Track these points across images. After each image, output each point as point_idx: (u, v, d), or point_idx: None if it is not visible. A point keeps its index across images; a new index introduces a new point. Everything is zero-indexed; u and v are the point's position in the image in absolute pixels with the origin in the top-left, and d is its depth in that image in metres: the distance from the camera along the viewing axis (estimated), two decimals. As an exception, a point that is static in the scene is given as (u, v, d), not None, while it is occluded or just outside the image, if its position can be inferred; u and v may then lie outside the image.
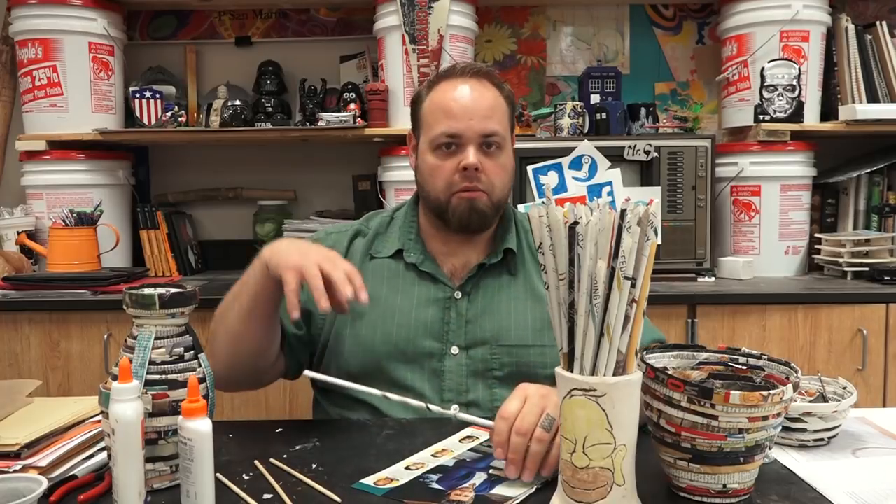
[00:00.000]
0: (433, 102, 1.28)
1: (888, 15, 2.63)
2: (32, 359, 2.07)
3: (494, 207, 1.27)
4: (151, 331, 0.92)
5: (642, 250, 0.79)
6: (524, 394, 0.96)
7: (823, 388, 1.13)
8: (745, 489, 0.88)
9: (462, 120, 1.23)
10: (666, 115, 2.63)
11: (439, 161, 1.25)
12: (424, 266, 1.29)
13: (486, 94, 1.26)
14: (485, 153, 1.24)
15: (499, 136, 1.25)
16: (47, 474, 0.90)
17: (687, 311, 2.09)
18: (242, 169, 2.73)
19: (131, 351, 0.92)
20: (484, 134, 1.23)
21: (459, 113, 1.23)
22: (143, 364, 0.90)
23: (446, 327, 1.25)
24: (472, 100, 1.24)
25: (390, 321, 1.25)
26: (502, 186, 1.27)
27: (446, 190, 1.25)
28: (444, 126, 1.24)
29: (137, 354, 0.91)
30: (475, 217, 1.25)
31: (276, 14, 2.72)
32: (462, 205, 1.24)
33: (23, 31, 2.36)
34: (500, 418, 0.95)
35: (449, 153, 1.25)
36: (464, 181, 1.23)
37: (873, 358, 2.07)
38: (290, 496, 0.88)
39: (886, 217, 2.45)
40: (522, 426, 0.92)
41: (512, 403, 0.95)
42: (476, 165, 1.22)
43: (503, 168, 1.27)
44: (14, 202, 2.48)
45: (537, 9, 2.71)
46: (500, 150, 1.26)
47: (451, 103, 1.25)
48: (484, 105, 1.24)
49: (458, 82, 1.27)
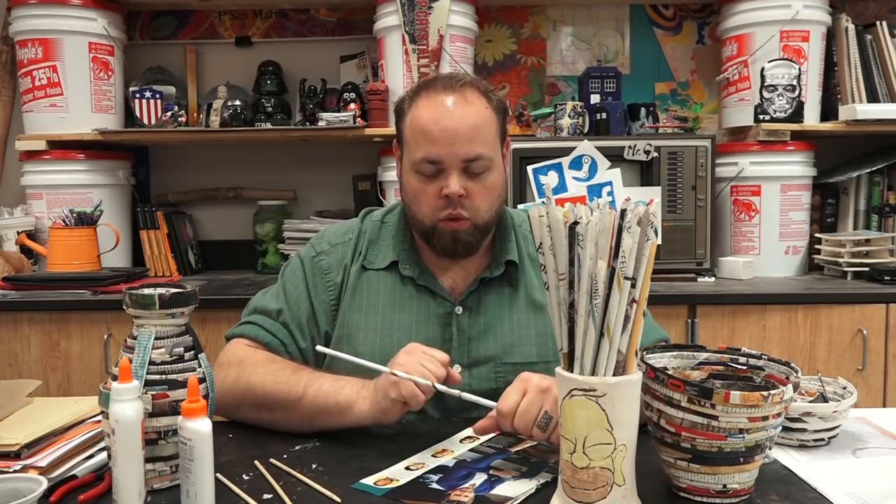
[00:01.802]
0: (414, 121, 1.20)
1: (888, 15, 2.63)
2: (32, 359, 2.07)
3: (481, 231, 1.22)
4: (151, 331, 0.92)
5: (642, 250, 0.79)
6: (524, 386, 0.96)
7: (823, 388, 1.13)
8: (745, 489, 0.88)
9: (443, 145, 1.16)
10: (666, 115, 2.63)
11: (422, 185, 1.20)
12: (422, 280, 1.25)
13: (468, 114, 1.18)
14: (469, 176, 1.18)
15: (484, 158, 1.18)
16: (47, 474, 0.90)
17: (687, 311, 2.09)
18: (242, 169, 2.73)
19: (131, 351, 0.91)
20: (467, 159, 1.17)
21: (440, 137, 1.16)
22: (143, 364, 0.90)
23: (448, 345, 1.22)
24: (454, 121, 1.17)
25: (389, 339, 1.22)
26: (489, 209, 1.21)
27: (431, 216, 1.20)
28: (424, 151, 1.18)
29: (137, 354, 0.91)
30: (459, 247, 1.21)
31: (276, 14, 2.72)
32: (446, 234, 1.20)
33: (23, 31, 2.37)
34: (499, 413, 0.95)
35: (430, 177, 1.19)
36: (447, 208, 1.18)
37: (873, 358, 2.07)
38: (290, 496, 0.88)
39: (886, 217, 2.45)
40: (520, 425, 0.93)
41: (511, 398, 0.95)
42: (459, 193, 1.17)
43: (490, 189, 1.20)
44: (14, 202, 2.49)
45: (537, 9, 2.70)
46: (488, 170, 1.20)
47: (431, 127, 1.17)
48: (466, 127, 1.17)
49: (441, 97, 1.19)
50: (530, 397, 0.95)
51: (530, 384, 0.97)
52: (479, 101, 1.21)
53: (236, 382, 1.15)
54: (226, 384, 1.15)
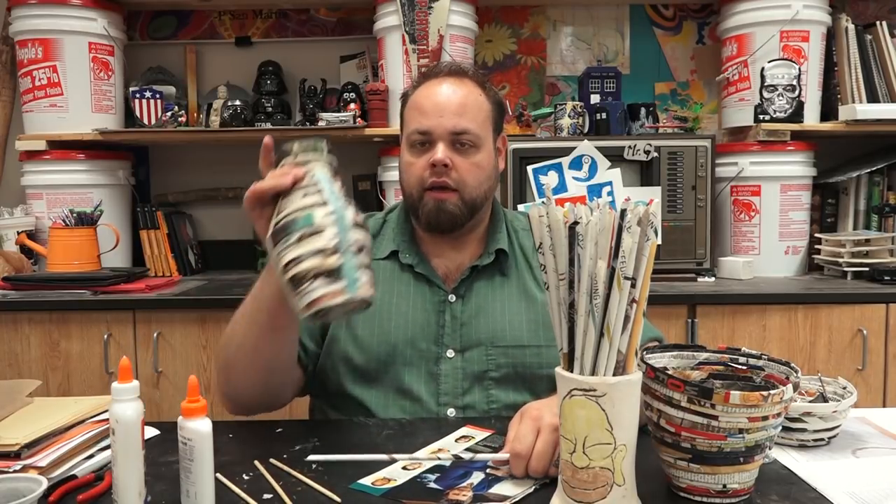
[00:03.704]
0: (412, 101, 1.28)
1: (888, 15, 2.63)
2: (32, 359, 2.07)
3: (467, 206, 1.24)
4: (325, 170, 0.98)
5: (642, 250, 0.79)
6: (536, 425, 0.93)
7: (823, 388, 1.13)
8: (745, 489, 0.88)
9: (432, 117, 1.23)
10: (666, 115, 2.63)
11: (413, 158, 1.26)
12: (420, 268, 1.28)
13: (459, 92, 1.25)
14: (457, 150, 1.23)
15: (471, 133, 1.23)
16: (47, 474, 0.90)
17: (687, 311, 2.09)
18: (242, 169, 2.71)
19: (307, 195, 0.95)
20: (454, 131, 1.22)
21: (430, 110, 1.24)
22: (331, 191, 0.95)
23: (441, 330, 1.25)
24: (445, 97, 1.24)
25: (388, 322, 1.25)
26: (476, 185, 1.25)
27: (418, 186, 1.25)
28: (416, 123, 1.24)
29: (325, 185, 0.95)
30: (444, 217, 1.24)
31: (276, 14, 2.72)
32: (430, 204, 1.24)
33: (23, 31, 2.37)
34: (513, 455, 0.92)
35: (422, 150, 1.25)
36: (433, 176, 1.23)
37: (873, 358, 2.07)
38: (290, 496, 0.88)
39: (886, 217, 2.45)
40: (538, 468, 0.91)
41: (526, 439, 0.92)
42: (444, 161, 1.21)
43: (477, 166, 1.25)
44: (14, 202, 2.49)
45: (537, 9, 2.71)
46: (476, 148, 1.24)
47: (423, 101, 1.25)
48: (455, 102, 1.24)
49: (438, 80, 1.27)
50: (545, 437, 0.92)
51: (543, 423, 0.93)
52: (475, 86, 1.28)
53: (223, 361, 1.16)
54: (216, 366, 1.19)
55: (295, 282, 0.91)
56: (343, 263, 0.91)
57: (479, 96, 1.27)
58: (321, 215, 0.92)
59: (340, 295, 0.90)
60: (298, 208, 0.93)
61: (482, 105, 1.27)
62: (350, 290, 0.90)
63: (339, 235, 0.91)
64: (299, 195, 0.95)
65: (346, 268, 0.91)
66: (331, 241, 0.91)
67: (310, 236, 0.91)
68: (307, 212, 0.93)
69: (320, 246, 0.90)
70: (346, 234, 0.92)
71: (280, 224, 0.94)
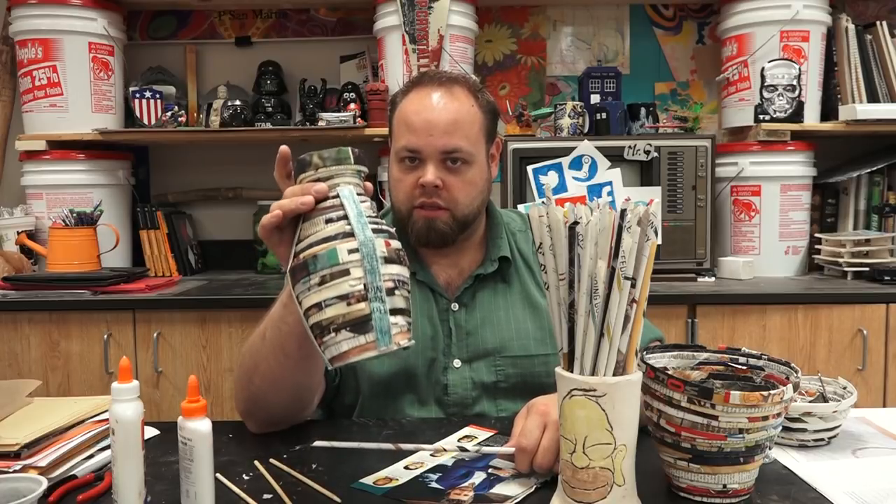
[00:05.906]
0: (400, 112, 1.23)
1: (888, 15, 2.63)
2: (32, 359, 2.07)
3: (458, 224, 1.22)
4: (351, 187, 0.88)
5: (642, 250, 0.79)
6: (543, 420, 0.93)
7: (823, 388, 1.13)
8: (745, 489, 0.88)
9: (422, 136, 1.18)
10: (666, 115, 2.63)
11: (401, 174, 1.22)
12: (421, 275, 1.26)
13: (450, 107, 1.20)
14: (448, 169, 1.20)
15: (462, 151, 1.19)
16: (47, 474, 0.90)
17: (687, 311, 2.09)
18: (242, 169, 2.73)
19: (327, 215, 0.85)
20: (444, 151, 1.19)
21: (420, 128, 1.19)
22: (359, 216, 0.85)
23: (447, 340, 1.23)
24: (435, 114, 1.19)
25: None
26: (468, 202, 1.22)
27: (407, 202, 1.22)
28: (405, 141, 1.20)
29: (350, 209, 0.85)
30: (434, 235, 1.21)
31: (276, 14, 2.72)
32: (420, 222, 1.21)
33: (23, 31, 2.37)
34: (519, 450, 0.92)
35: (411, 167, 1.21)
36: (422, 196, 1.20)
37: (873, 358, 2.07)
38: (290, 496, 0.88)
39: (886, 217, 2.45)
40: (543, 463, 0.91)
41: (532, 434, 0.92)
42: (434, 183, 1.18)
43: (469, 184, 1.21)
44: (14, 202, 2.48)
45: (537, 9, 2.71)
46: (468, 164, 1.21)
47: (412, 117, 1.20)
48: (445, 119, 1.19)
49: (428, 90, 1.22)
50: (552, 433, 0.91)
51: (549, 418, 0.92)
52: (466, 97, 1.23)
53: (238, 370, 1.13)
54: (236, 376, 1.13)
55: (317, 330, 0.82)
56: (372, 311, 0.81)
57: (472, 107, 1.22)
58: (346, 251, 0.82)
59: (369, 350, 0.81)
60: (321, 239, 0.84)
61: (474, 118, 1.22)
62: (381, 344, 0.81)
63: (367, 276, 0.81)
64: (321, 220, 0.86)
65: (376, 316, 0.81)
66: (356, 285, 0.81)
67: (333, 278, 0.81)
68: (330, 246, 0.82)
69: (345, 291, 0.81)
70: (376, 274, 0.82)
71: (300, 261, 0.84)
